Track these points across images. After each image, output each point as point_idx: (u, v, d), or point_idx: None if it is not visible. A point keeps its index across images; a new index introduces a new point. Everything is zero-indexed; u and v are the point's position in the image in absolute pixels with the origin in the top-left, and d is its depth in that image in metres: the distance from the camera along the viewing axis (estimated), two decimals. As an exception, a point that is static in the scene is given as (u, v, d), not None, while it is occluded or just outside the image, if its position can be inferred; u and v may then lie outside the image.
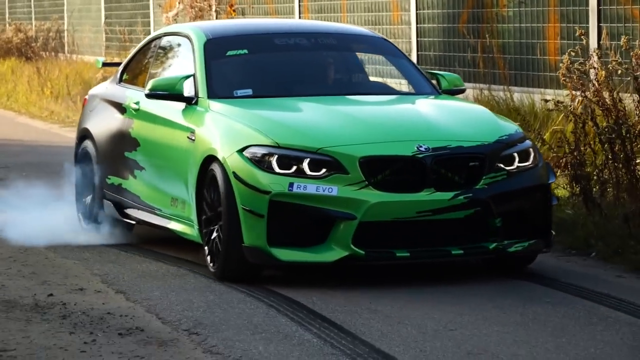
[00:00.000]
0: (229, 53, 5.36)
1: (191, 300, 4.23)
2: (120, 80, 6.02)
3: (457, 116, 5.04)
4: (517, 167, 4.59)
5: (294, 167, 4.41)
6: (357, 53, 5.91)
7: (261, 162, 4.45)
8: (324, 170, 4.39)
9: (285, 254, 4.36)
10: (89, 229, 5.64)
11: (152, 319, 3.76)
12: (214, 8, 11.58)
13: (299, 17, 9.91)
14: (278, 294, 4.20)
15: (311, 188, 4.34)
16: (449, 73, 5.91)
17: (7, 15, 17.85)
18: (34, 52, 15.48)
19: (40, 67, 14.11)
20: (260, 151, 4.48)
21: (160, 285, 4.58)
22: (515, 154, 4.60)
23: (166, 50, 5.88)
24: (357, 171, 4.36)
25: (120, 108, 5.71)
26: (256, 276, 4.52)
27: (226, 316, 3.83)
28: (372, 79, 6.00)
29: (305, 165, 4.39)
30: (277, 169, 4.40)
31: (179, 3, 11.80)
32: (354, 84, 5.75)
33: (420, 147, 4.41)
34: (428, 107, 5.17)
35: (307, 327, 3.60)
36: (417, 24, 8.20)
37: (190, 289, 4.57)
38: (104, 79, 10.55)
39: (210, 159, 4.65)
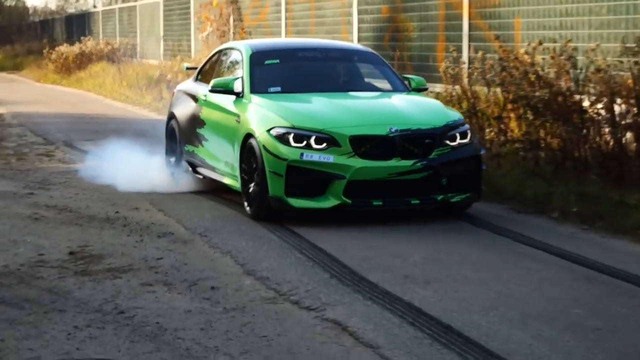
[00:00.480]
0: (266, 62, 6.43)
1: (203, 214, 5.79)
2: (196, 79, 7.21)
3: (418, 107, 5.98)
4: (459, 143, 5.54)
5: (304, 142, 5.35)
6: (354, 62, 6.83)
7: (282, 138, 5.38)
8: (324, 144, 5.34)
9: (296, 202, 5.32)
10: (170, 179, 6.84)
11: (179, 227, 5.39)
12: (231, 31, 14.56)
13: (285, 36, 12.24)
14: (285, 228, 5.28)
15: (315, 157, 5.30)
16: (417, 76, 6.72)
17: (100, 34, 24.40)
18: (117, 57, 19.42)
19: (120, 68, 18.42)
20: (281, 131, 5.41)
21: (189, 207, 6.09)
22: (457, 134, 5.56)
23: (226, 58, 7.00)
24: (347, 145, 5.31)
25: (195, 98, 6.85)
26: (278, 217, 5.43)
27: (225, 224, 5.48)
28: (366, 80, 6.82)
29: (312, 141, 5.34)
30: (292, 143, 5.35)
31: (209, 27, 14.80)
32: (351, 83, 6.63)
33: (392, 129, 5.38)
34: (399, 101, 6.04)
35: (279, 236, 5.07)
36: (358, 41, 10.47)
37: (204, 207, 6.12)
38: (160, 76, 14.93)
39: (249, 135, 5.65)
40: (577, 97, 6.28)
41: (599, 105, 6.11)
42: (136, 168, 6.91)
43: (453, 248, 4.82)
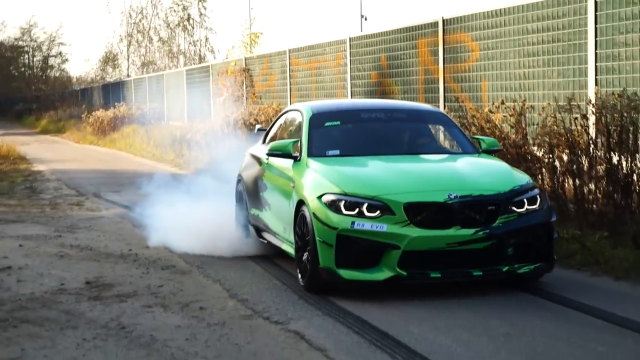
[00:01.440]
0: (327, 124, 5.96)
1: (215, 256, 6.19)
2: (264, 141, 6.77)
3: (482, 170, 5.36)
4: (527, 209, 4.90)
5: (356, 210, 4.79)
6: (420, 123, 6.34)
7: (332, 206, 4.84)
8: (377, 212, 4.75)
9: (347, 274, 4.75)
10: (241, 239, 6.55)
11: (180, 261, 6.16)
12: (244, 96, 16.13)
13: (290, 100, 13.48)
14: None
15: (367, 225, 4.72)
16: (489, 137, 6.23)
17: (133, 99, 26.80)
18: (146, 120, 21.45)
19: (148, 129, 20.55)
20: (332, 197, 4.88)
21: (191, 247, 6.41)
22: (525, 200, 4.93)
23: (288, 121, 6.58)
24: (402, 213, 4.72)
25: (259, 161, 6.44)
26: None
27: (217, 259, 6.14)
28: (433, 142, 6.32)
29: (364, 208, 4.77)
30: (343, 211, 4.80)
31: (226, 92, 16.53)
32: (415, 146, 6.03)
33: (451, 195, 4.77)
34: (463, 164, 5.52)
35: (262, 266, 5.83)
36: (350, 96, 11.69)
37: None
38: (182, 135, 16.82)
39: (301, 202, 5.15)
40: (529, 147, 7.15)
41: (541, 154, 6.95)
42: (153, 213, 7.48)
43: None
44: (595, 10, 7.04)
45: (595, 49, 7.08)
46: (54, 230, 7.89)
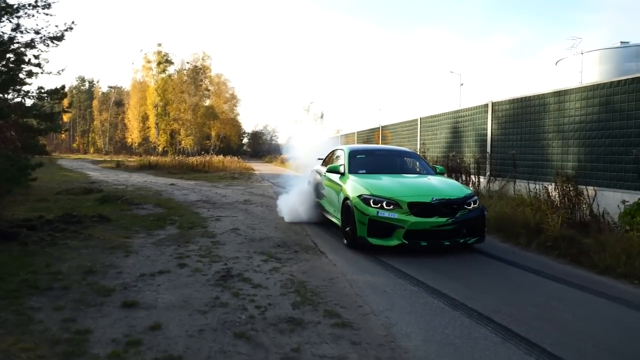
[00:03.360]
0: (358, 156, 9.33)
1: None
2: (322, 163, 10.64)
3: (446, 184, 8.11)
4: (472, 207, 7.56)
5: (379, 204, 7.30)
6: (404, 157, 9.75)
7: (366, 202, 7.43)
8: (391, 206, 7.23)
9: (374, 241, 7.32)
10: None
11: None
12: None
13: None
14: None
15: (386, 214, 7.21)
16: (439, 166, 9.91)
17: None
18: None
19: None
20: (365, 197, 7.48)
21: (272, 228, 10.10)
22: (471, 201, 7.59)
23: (336, 154, 10.20)
24: (406, 208, 7.18)
25: (320, 175, 10.15)
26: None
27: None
28: (411, 167, 9.62)
29: (384, 204, 7.28)
30: (372, 205, 7.34)
31: None
32: (404, 169, 9.28)
33: (433, 198, 7.31)
34: (434, 180, 8.27)
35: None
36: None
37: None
38: (245, 172, 29.95)
39: (346, 199, 7.99)
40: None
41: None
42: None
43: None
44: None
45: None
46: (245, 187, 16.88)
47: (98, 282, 5.91)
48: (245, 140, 77.67)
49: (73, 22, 14.08)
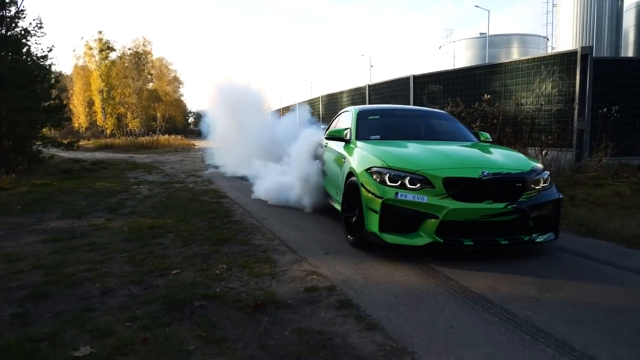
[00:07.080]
0: (370, 117, 7.33)
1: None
2: (325, 133, 8.31)
3: (502, 154, 5.84)
4: (542, 187, 5.39)
5: (399, 182, 5.16)
6: (434, 119, 7.63)
7: (378, 178, 5.27)
8: (418, 185, 5.10)
9: (390, 238, 5.10)
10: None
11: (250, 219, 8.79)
12: None
13: None
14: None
15: (409, 196, 5.04)
16: (484, 132, 7.48)
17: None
18: None
19: None
20: (378, 170, 5.32)
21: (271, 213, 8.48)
22: (541, 179, 5.40)
23: (341, 118, 8.25)
24: (440, 187, 5.04)
25: (321, 145, 8.36)
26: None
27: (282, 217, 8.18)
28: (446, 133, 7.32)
29: (406, 181, 5.14)
30: (388, 183, 5.19)
31: None
32: (436, 134, 7.10)
33: (484, 172, 5.13)
34: (483, 148, 6.09)
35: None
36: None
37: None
38: (186, 147, 28.90)
39: (351, 173, 5.89)
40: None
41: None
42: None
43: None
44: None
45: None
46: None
47: (112, 188, 11.78)
48: (191, 120, 78.34)
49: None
